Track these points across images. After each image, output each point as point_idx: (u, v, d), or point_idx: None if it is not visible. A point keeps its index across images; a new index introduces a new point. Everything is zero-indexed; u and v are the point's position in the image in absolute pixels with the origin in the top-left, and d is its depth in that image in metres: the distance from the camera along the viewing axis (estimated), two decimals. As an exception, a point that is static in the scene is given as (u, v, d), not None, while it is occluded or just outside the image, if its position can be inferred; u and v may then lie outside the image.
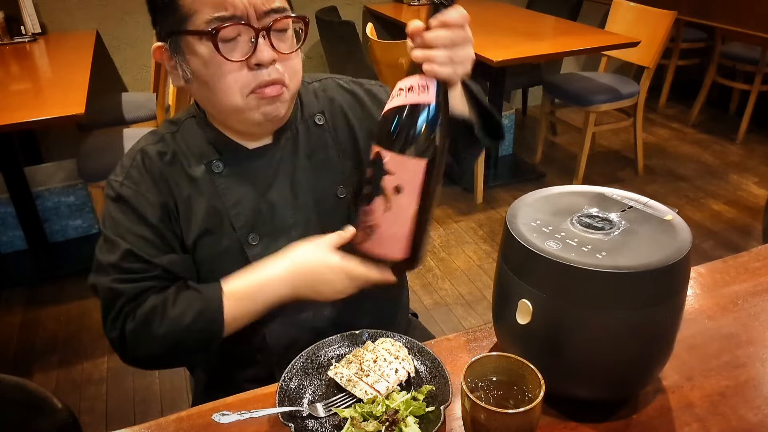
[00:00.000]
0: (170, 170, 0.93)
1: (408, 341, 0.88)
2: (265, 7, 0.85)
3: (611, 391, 0.79)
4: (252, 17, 0.84)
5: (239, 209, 0.94)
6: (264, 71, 0.86)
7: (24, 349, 2.27)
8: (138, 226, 0.91)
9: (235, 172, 0.95)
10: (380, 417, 0.75)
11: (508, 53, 2.68)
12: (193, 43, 0.85)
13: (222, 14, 0.82)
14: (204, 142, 0.95)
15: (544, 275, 0.72)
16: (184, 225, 0.93)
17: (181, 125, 0.97)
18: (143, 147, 0.96)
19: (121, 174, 0.94)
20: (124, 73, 3.50)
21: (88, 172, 2.35)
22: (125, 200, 0.91)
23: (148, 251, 0.90)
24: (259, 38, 0.84)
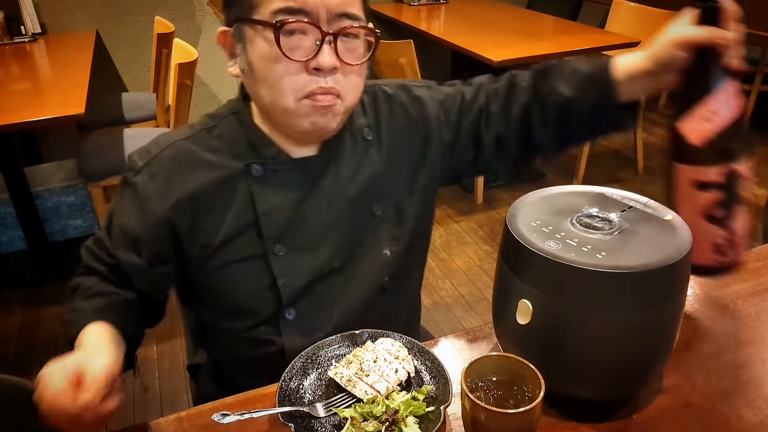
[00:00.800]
0: (199, 169, 0.90)
1: (408, 341, 0.88)
2: (339, 9, 0.80)
3: (611, 391, 0.79)
4: (322, 18, 0.80)
5: (271, 218, 0.90)
6: (322, 78, 0.82)
7: (24, 349, 2.27)
8: (127, 215, 0.90)
9: (273, 178, 0.90)
10: (380, 417, 0.75)
11: (508, 53, 2.68)
12: (256, 33, 0.82)
13: (290, 5, 0.78)
14: (244, 142, 0.91)
15: (544, 275, 0.72)
16: (209, 225, 0.90)
17: (220, 121, 0.93)
18: (175, 141, 0.91)
19: (144, 159, 0.91)
20: (124, 73, 3.50)
21: (88, 172, 2.35)
22: (133, 186, 0.90)
23: (117, 241, 0.90)
24: (325, 42, 0.80)
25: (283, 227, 0.91)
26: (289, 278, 0.92)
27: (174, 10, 3.45)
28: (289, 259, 0.92)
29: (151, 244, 0.90)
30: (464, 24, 3.33)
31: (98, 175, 2.34)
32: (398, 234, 1.00)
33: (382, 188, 0.98)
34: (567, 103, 0.91)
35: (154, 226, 0.89)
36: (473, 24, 3.33)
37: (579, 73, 0.91)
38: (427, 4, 3.77)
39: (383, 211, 0.98)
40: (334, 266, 0.95)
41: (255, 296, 0.93)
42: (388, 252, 0.99)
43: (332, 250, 0.94)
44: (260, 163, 0.90)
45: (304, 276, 0.93)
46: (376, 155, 0.97)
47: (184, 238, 0.90)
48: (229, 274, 0.92)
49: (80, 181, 2.77)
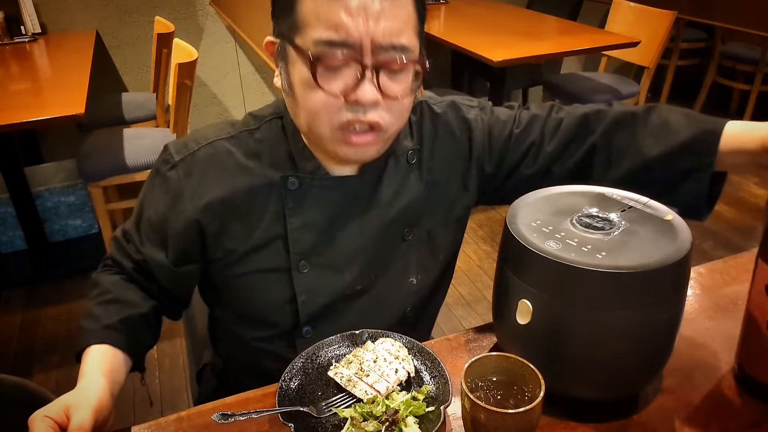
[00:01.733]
0: (236, 173, 0.87)
1: (408, 341, 0.88)
2: (386, 41, 0.75)
3: (611, 391, 0.79)
4: (366, 49, 0.74)
5: (301, 234, 0.88)
6: (361, 110, 0.77)
7: (24, 349, 2.27)
8: (157, 211, 0.88)
9: (308, 194, 0.88)
10: (380, 417, 0.75)
11: (508, 53, 2.67)
12: (298, 56, 0.77)
13: (333, 38, 0.74)
14: (284, 151, 0.88)
15: (544, 275, 0.72)
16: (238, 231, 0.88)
17: (263, 124, 0.90)
18: (214, 140, 0.88)
19: (181, 154, 0.87)
20: (124, 73, 3.50)
21: (88, 172, 2.35)
22: (167, 180, 0.87)
23: (147, 236, 0.89)
24: (365, 76, 0.75)
25: (311, 244, 0.89)
26: (310, 296, 0.91)
27: (174, 10, 3.45)
28: (312, 277, 0.90)
29: (179, 243, 0.88)
30: (464, 24, 3.33)
31: (98, 175, 2.34)
32: (428, 263, 0.98)
33: (419, 213, 0.95)
34: (647, 163, 0.85)
35: (183, 225, 0.87)
36: (473, 24, 3.32)
37: (674, 132, 0.83)
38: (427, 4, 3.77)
39: (415, 236, 0.95)
40: (357, 289, 0.94)
41: (273, 309, 0.92)
42: (414, 280, 0.97)
43: (357, 272, 0.93)
44: (297, 176, 0.87)
45: (326, 296, 0.92)
46: (417, 179, 0.94)
47: (209, 240, 0.89)
48: (250, 282, 0.91)
49: (80, 181, 2.77)
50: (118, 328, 0.85)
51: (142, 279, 0.91)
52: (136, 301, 0.89)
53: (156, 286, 0.92)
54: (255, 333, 0.96)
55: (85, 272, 2.70)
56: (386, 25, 0.74)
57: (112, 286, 0.89)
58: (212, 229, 0.88)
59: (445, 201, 0.97)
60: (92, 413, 0.69)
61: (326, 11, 0.74)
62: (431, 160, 0.95)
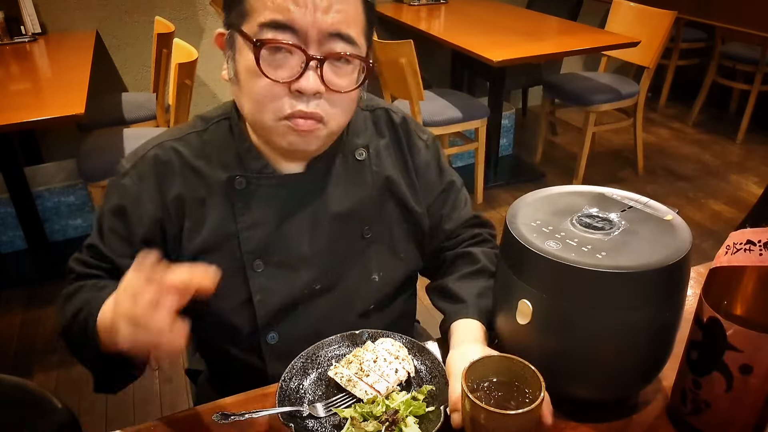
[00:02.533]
0: (184, 173, 0.88)
1: (408, 341, 0.88)
2: (333, 29, 0.76)
3: (611, 391, 0.79)
4: (311, 37, 0.75)
5: (251, 232, 0.88)
6: (304, 100, 0.78)
7: (24, 349, 2.27)
8: (117, 218, 0.88)
9: (256, 193, 0.88)
10: (380, 417, 0.75)
11: (508, 53, 2.68)
12: (243, 43, 0.78)
13: (278, 19, 0.74)
14: (232, 152, 0.89)
15: (544, 275, 0.72)
16: (189, 231, 0.88)
17: (211, 125, 0.91)
18: (162, 142, 0.89)
19: (131, 161, 0.89)
20: (124, 73, 3.50)
21: (88, 172, 2.35)
22: (121, 189, 0.88)
23: (111, 246, 0.87)
24: (309, 66, 0.76)
25: (264, 243, 0.89)
26: (265, 295, 0.90)
27: (174, 10, 3.45)
28: (267, 276, 0.90)
29: (147, 246, 0.87)
30: (464, 24, 3.33)
31: (98, 175, 2.34)
32: (388, 261, 0.98)
33: (375, 211, 0.95)
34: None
35: (147, 227, 0.87)
36: (473, 24, 3.32)
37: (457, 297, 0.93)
38: (427, 4, 3.77)
39: (375, 234, 0.95)
40: (316, 288, 0.93)
41: (233, 311, 0.91)
42: (377, 278, 0.97)
43: (315, 271, 0.92)
44: (245, 176, 0.87)
45: (282, 295, 0.91)
46: (370, 177, 0.94)
47: (169, 240, 0.89)
48: None
49: (80, 181, 2.77)
50: None
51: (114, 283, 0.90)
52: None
53: None
54: (222, 339, 0.95)
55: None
56: (334, 17, 0.76)
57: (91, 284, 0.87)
58: (171, 230, 0.88)
59: (402, 203, 0.97)
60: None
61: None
62: (381, 162, 0.96)
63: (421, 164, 0.99)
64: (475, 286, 0.93)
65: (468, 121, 2.91)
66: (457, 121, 2.88)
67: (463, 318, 0.89)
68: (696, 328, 0.70)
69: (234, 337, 0.94)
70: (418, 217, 0.99)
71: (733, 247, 0.64)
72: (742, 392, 0.67)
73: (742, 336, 0.64)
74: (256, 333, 0.93)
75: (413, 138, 0.99)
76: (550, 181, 3.43)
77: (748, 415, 0.68)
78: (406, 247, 1.00)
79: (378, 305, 0.98)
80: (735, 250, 0.64)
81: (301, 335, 0.91)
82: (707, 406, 0.70)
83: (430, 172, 1.00)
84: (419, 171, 0.99)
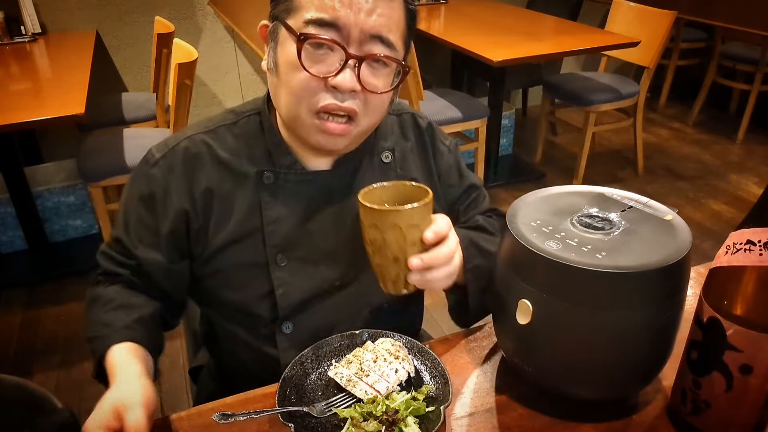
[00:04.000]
0: (214, 166, 0.89)
1: (408, 341, 0.88)
2: (374, 31, 0.78)
3: (611, 391, 0.79)
4: (353, 36, 0.78)
5: (276, 227, 0.90)
6: (339, 96, 0.80)
7: (24, 349, 2.27)
8: (145, 207, 0.89)
9: (283, 188, 0.90)
10: (380, 417, 0.75)
11: (508, 53, 2.68)
12: (287, 36, 0.80)
13: (323, 17, 0.77)
14: (262, 146, 0.90)
15: (544, 275, 0.72)
16: (216, 224, 0.89)
17: (241, 119, 0.92)
18: (193, 134, 0.91)
19: (162, 152, 0.90)
20: (124, 73, 3.50)
21: (88, 172, 2.35)
22: (150, 179, 0.89)
23: (139, 236, 0.89)
24: (347, 64, 0.78)
25: (288, 238, 0.91)
26: (287, 289, 0.92)
27: (174, 10, 3.45)
28: (290, 271, 0.91)
29: (172, 239, 0.89)
30: (464, 24, 3.33)
31: (98, 175, 2.34)
32: None
33: None
34: None
35: (172, 219, 0.88)
36: (473, 24, 3.32)
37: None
38: (427, 4, 3.77)
39: None
40: (336, 285, 0.95)
41: (253, 302, 0.93)
42: None
43: (335, 268, 0.94)
44: (273, 171, 0.89)
45: (303, 290, 0.93)
46: (395, 178, 0.96)
47: (193, 233, 0.90)
48: (230, 276, 0.92)
49: (80, 181, 2.77)
50: (135, 328, 0.86)
51: (140, 283, 0.92)
52: (142, 303, 0.90)
53: (154, 288, 0.92)
54: (238, 328, 0.97)
55: (85, 272, 2.71)
56: (376, 20, 0.78)
57: (115, 294, 0.90)
58: (197, 221, 0.90)
59: None
60: (144, 408, 0.69)
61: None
62: (406, 164, 0.99)
63: (444, 168, 1.02)
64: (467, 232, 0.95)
65: (468, 121, 2.91)
66: (457, 121, 2.88)
67: None
68: (696, 328, 0.70)
69: (252, 326, 0.96)
70: None
71: (733, 247, 0.64)
72: (742, 392, 0.67)
73: (742, 336, 0.64)
74: (273, 323, 0.94)
75: (437, 143, 1.02)
76: (550, 181, 3.43)
77: (748, 415, 0.68)
78: None
79: (391, 303, 1.00)
80: (735, 250, 0.64)
81: (316, 327, 0.93)
82: (707, 406, 0.70)
83: (451, 175, 1.03)
84: (442, 174, 1.02)
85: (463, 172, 1.05)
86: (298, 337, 0.93)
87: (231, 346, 1.00)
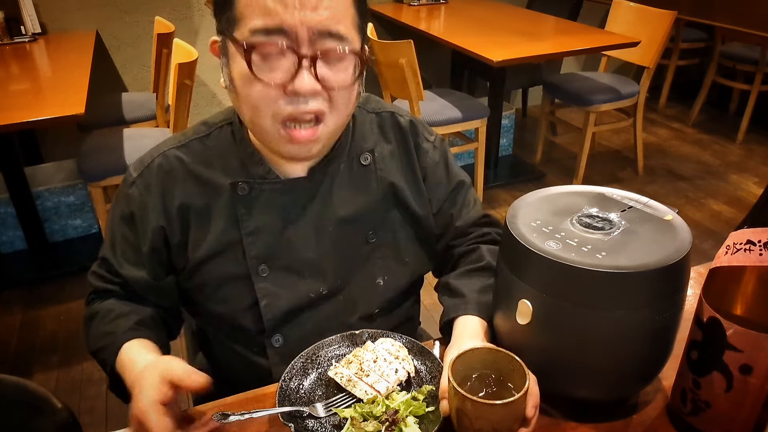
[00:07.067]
0: (188, 181, 0.88)
1: (408, 341, 0.88)
2: (322, 27, 0.74)
3: (611, 391, 0.79)
4: (302, 37, 0.74)
5: (254, 238, 0.88)
6: (301, 100, 0.76)
7: (24, 349, 2.27)
8: (127, 227, 0.89)
9: (259, 199, 0.88)
10: (380, 417, 0.75)
11: (508, 53, 2.67)
12: (235, 50, 0.77)
13: (268, 25, 0.73)
14: (235, 158, 0.88)
15: (544, 275, 0.72)
16: (195, 239, 0.89)
17: (213, 131, 0.90)
18: (166, 151, 0.89)
19: (138, 170, 0.89)
20: (124, 73, 3.50)
21: (88, 172, 2.35)
22: (129, 199, 0.89)
23: (124, 256, 0.90)
24: (302, 65, 0.75)
25: (268, 248, 0.89)
26: (271, 299, 0.91)
27: (174, 10, 3.45)
28: (272, 281, 0.90)
29: (153, 256, 0.89)
30: (464, 24, 3.33)
31: (98, 175, 2.34)
32: (393, 266, 0.98)
33: (379, 216, 0.95)
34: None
35: (151, 237, 0.88)
36: (473, 24, 3.32)
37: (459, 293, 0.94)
38: (427, 4, 3.77)
39: (379, 239, 0.95)
40: (322, 293, 0.94)
41: (239, 314, 0.92)
42: (381, 282, 0.97)
43: (320, 275, 0.93)
44: (247, 182, 0.87)
45: (288, 299, 0.92)
46: (374, 181, 0.94)
47: (173, 249, 0.90)
48: (212, 290, 0.91)
49: (80, 181, 2.77)
50: (138, 329, 0.87)
51: (132, 297, 0.92)
52: (140, 308, 0.91)
53: (146, 302, 0.93)
54: (228, 340, 0.97)
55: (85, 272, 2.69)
56: (322, 14, 0.74)
57: (112, 306, 0.90)
58: (175, 237, 0.89)
59: (406, 208, 0.97)
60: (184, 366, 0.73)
61: (261, 1, 0.73)
62: (387, 165, 0.95)
63: (430, 165, 0.99)
64: (477, 282, 0.93)
65: (468, 121, 2.91)
66: (457, 121, 2.88)
67: (463, 314, 0.89)
68: (696, 328, 0.70)
69: (240, 338, 0.96)
70: (424, 221, 0.99)
71: (733, 247, 0.64)
72: (742, 392, 0.67)
73: (742, 336, 0.64)
74: (262, 335, 0.93)
75: (420, 140, 0.98)
76: (550, 181, 3.43)
77: (748, 415, 0.68)
78: (411, 252, 0.99)
79: (382, 309, 0.99)
80: (735, 250, 0.64)
81: (306, 338, 0.91)
82: (707, 406, 0.70)
83: (438, 172, 0.99)
84: (428, 172, 0.99)
85: (451, 167, 1.01)
86: (289, 349, 0.92)
87: (224, 356, 1.00)
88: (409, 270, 1.00)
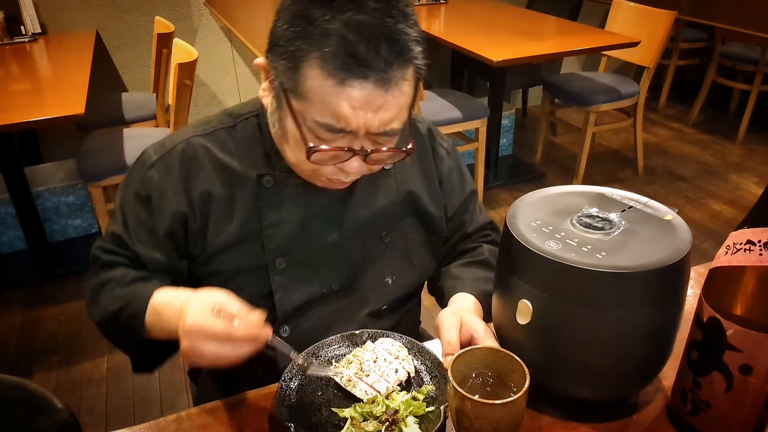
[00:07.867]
0: (212, 169, 0.88)
1: (408, 341, 0.88)
2: (380, 130, 0.77)
3: (611, 391, 0.79)
4: (360, 135, 0.77)
5: (274, 231, 0.90)
6: (344, 174, 0.81)
7: (24, 349, 2.27)
8: (143, 208, 0.89)
9: (282, 193, 0.90)
10: (380, 417, 0.75)
11: (508, 53, 2.67)
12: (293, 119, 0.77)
13: (332, 125, 0.75)
14: (260, 149, 0.90)
15: (544, 275, 0.72)
16: (214, 227, 0.89)
17: (239, 122, 0.91)
18: (189, 138, 0.89)
19: (159, 153, 0.89)
20: (124, 73, 3.50)
21: (88, 172, 2.35)
22: (147, 179, 0.88)
23: (137, 236, 0.89)
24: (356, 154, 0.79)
25: (287, 242, 0.90)
26: (286, 293, 0.92)
27: (174, 10, 3.45)
28: (288, 274, 0.91)
29: (170, 240, 0.89)
30: (464, 24, 3.33)
31: (98, 175, 2.34)
32: (402, 266, 1.00)
33: (395, 219, 0.97)
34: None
35: (169, 221, 0.88)
36: (473, 24, 3.32)
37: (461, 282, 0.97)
38: (427, 4, 3.77)
39: (392, 240, 0.98)
40: (335, 288, 0.95)
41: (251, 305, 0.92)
42: (390, 281, 0.99)
43: (334, 272, 0.94)
44: (273, 175, 0.89)
45: (302, 293, 0.93)
46: (394, 186, 0.97)
47: (191, 235, 0.90)
48: (226, 279, 0.91)
49: (80, 181, 2.77)
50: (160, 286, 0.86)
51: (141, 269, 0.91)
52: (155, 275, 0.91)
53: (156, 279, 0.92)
54: None
55: (85, 272, 2.69)
56: (383, 116, 0.76)
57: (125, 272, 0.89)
58: (194, 225, 0.89)
59: (422, 212, 1.00)
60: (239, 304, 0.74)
61: (330, 100, 0.73)
62: (407, 172, 0.99)
63: (445, 171, 1.02)
64: (477, 272, 0.97)
65: (468, 121, 2.91)
66: (457, 121, 2.88)
67: (460, 292, 0.93)
68: (696, 328, 0.70)
69: None
70: (437, 223, 1.02)
71: (733, 247, 0.64)
72: (742, 392, 0.67)
73: (742, 336, 0.64)
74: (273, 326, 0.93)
75: (437, 146, 1.03)
76: (550, 181, 3.43)
77: (748, 415, 0.68)
78: (421, 254, 1.02)
79: (389, 307, 1.00)
80: (735, 250, 0.64)
81: (313, 330, 0.93)
82: (707, 406, 0.70)
83: (453, 179, 1.04)
84: (443, 178, 1.02)
85: (464, 174, 1.06)
86: (296, 340, 0.92)
87: None
88: (417, 271, 1.02)
